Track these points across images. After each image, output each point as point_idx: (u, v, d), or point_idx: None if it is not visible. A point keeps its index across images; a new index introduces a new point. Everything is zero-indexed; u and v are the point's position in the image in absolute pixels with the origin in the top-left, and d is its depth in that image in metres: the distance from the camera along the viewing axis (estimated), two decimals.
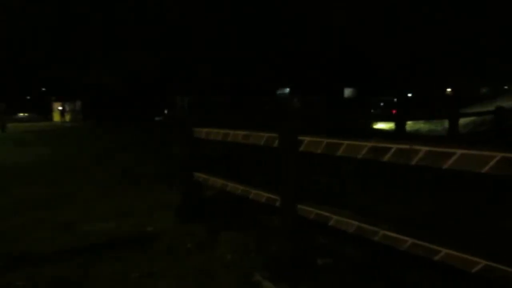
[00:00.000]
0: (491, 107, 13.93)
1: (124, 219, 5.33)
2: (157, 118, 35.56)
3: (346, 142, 2.94)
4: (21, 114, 49.07)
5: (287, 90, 38.51)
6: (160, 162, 9.64)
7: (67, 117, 43.89)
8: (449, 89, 50.83)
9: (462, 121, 16.61)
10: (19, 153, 13.34)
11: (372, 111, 36.76)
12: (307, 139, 3.27)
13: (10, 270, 3.85)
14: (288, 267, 3.40)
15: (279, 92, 38.56)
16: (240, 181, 4.33)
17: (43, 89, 59.97)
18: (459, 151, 2.28)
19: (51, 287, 3.52)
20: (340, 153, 2.98)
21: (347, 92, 40.99)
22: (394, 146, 2.60)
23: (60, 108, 45.49)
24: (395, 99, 40.04)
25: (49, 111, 47.29)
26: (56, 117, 45.34)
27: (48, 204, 6.27)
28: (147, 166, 9.41)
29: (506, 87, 43.88)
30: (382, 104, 38.35)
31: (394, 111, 42.81)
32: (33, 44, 40.84)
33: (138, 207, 5.89)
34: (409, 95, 49.54)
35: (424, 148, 2.43)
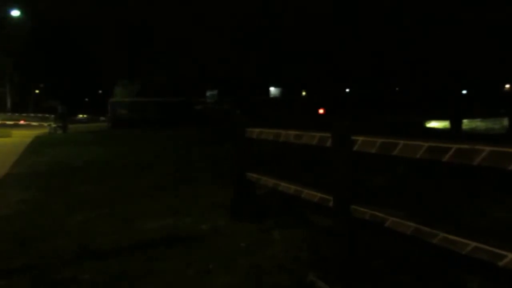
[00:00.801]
0: None
1: (179, 217, 5.47)
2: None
3: (402, 141, 2.87)
4: (81, 116, 51.51)
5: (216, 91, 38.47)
6: (212, 161, 9.81)
7: None
8: (507, 85, 48.39)
9: None
10: (79, 153, 13.98)
11: None
12: (361, 138, 3.22)
13: (75, 263, 4.05)
14: (343, 268, 3.36)
15: (208, 93, 38.46)
16: (289, 180, 4.33)
17: (100, 91, 62.57)
18: None
19: (116, 281, 3.67)
20: (396, 153, 2.91)
21: (274, 91, 40.45)
22: (454, 146, 2.51)
23: None
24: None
25: (107, 112, 49.24)
26: None
27: (108, 201, 6.55)
28: (199, 165, 9.61)
29: None
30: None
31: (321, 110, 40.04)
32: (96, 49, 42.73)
33: (192, 206, 6.02)
34: (464, 92, 47.59)
35: (488, 148, 2.33)
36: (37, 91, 64.78)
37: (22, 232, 5.10)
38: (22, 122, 33.45)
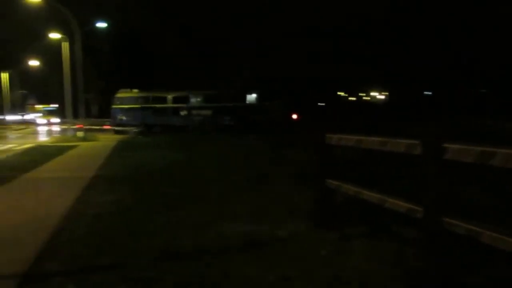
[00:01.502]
0: None
1: (257, 222, 5.48)
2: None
3: (503, 151, 2.65)
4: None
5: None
6: (290, 166, 9.77)
7: None
8: None
9: None
10: (160, 156, 14.57)
11: None
12: (454, 146, 3.02)
13: (159, 264, 4.19)
14: (433, 284, 3.16)
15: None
16: (369, 188, 4.18)
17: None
18: None
19: (197, 283, 3.73)
20: (496, 163, 2.69)
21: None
22: None
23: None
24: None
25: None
26: None
27: (188, 204, 6.73)
28: (277, 169, 9.62)
29: None
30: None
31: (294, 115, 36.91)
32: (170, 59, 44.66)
33: (271, 210, 6.02)
34: None
35: None
36: None
37: (111, 231, 5.37)
38: (106, 127, 35.56)
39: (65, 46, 27.43)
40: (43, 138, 28.21)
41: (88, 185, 8.99)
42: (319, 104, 53.35)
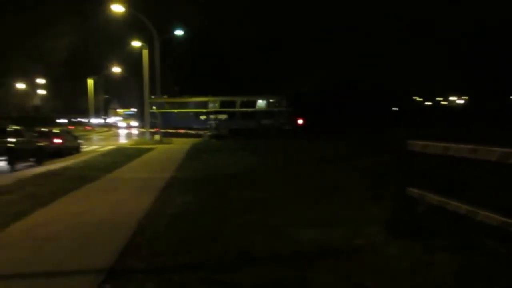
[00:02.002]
0: None
1: (331, 229, 5.37)
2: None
3: None
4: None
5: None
6: (365, 172, 9.51)
7: None
8: None
9: None
10: (233, 160, 14.84)
11: None
12: None
13: (235, 267, 4.22)
14: None
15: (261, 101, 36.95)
16: (454, 198, 3.94)
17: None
18: None
19: None
20: None
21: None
22: None
23: None
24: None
25: None
26: None
27: (262, 208, 6.75)
28: (350, 175, 9.40)
29: None
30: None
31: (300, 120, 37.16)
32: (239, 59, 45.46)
33: (345, 217, 5.87)
34: None
35: None
36: None
37: (187, 232, 5.51)
38: (181, 130, 36.86)
39: (145, 53, 28.85)
40: (123, 141, 29.80)
41: (166, 186, 9.34)
42: (392, 109, 51.60)
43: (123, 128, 51.17)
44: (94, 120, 62.86)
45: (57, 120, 67.86)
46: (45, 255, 4.70)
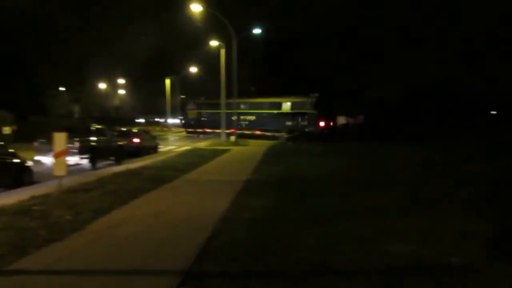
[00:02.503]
0: None
1: (423, 244, 5.06)
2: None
3: None
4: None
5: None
6: (460, 183, 8.95)
7: None
8: None
9: None
10: (311, 164, 14.68)
11: None
12: None
13: (315, 279, 4.09)
14: None
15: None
16: None
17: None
18: None
19: None
20: None
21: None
22: None
23: (344, 122, 48.57)
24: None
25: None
26: None
27: (344, 217, 6.54)
28: (443, 186, 8.89)
29: None
30: None
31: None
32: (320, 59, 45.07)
33: (440, 232, 5.52)
34: None
35: None
36: None
37: (264, 238, 5.47)
38: (257, 132, 37.25)
39: (222, 53, 29.51)
40: (199, 142, 30.66)
41: (242, 189, 9.40)
42: (491, 112, 48.37)
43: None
44: (170, 120, 65.37)
45: (136, 120, 71.57)
46: (123, 254, 4.89)
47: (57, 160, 8.86)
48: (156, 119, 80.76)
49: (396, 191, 8.77)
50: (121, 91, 60.33)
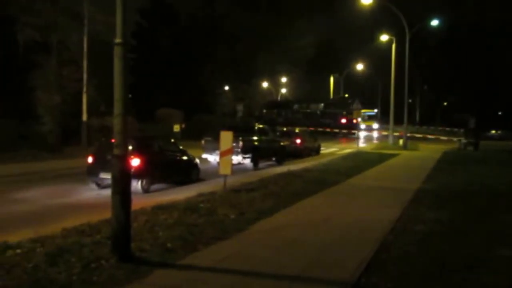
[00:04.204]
0: None
1: None
2: None
3: None
4: (493, 132, 49.87)
5: None
6: None
7: None
8: None
9: None
10: (496, 175, 13.41)
11: None
12: None
13: None
14: None
15: None
16: None
17: None
18: None
19: None
20: None
21: None
22: None
23: None
24: None
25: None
26: None
27: None
28: None
29: None
30: None
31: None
32: None
33: None
34: None
35: None
36: (445, 103, 66.93)
37: (440, 255, 5.17)
38: (430, 136, 35.35)
39: (393, 48, 28.59)
40: (363, 144, 30.23)
41: (413, 199, 9.01)
42: None
43: (363, 131, 51.78)
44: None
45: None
46: (286, 258, 5.04)
47: (223, 158, 9.55)
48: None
49: None
50: (283, 90, 62.30)
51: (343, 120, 48.39)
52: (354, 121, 41.11)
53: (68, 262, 4.50)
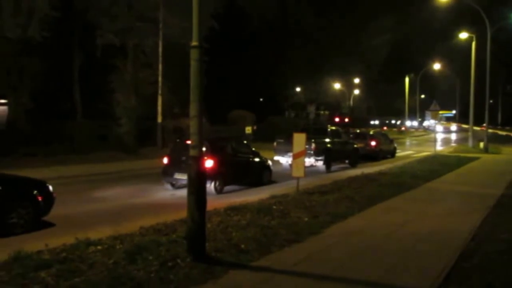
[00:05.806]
0: None
1: None
2: None
3: None
4: None
5: None
6: None
7: None
8: None
9: None
10: None
11: None
12: None
13: None
14: None
15: None
16: None
17: None
18: None
19: None
20: None
21: None
22: None
23: None
24: None
25: None
26: None
27: None
28: None
29: None
30: None
31: None
32: None
33: None
34: None
35: None
36: None
37: None
38: None
39: (473, 47, 27.24)
40: (440, 147, 29.01)
41: (496, 205, 8.56)
42: None
43: (441, 133, 49.75)
44: (407, 123, 63.51)
45: (370, 122, 71.65)
46: (362, 264, 4.95)
47: (296, 161, 9.50)
48: (392, 121, 79.54)
49: None
50: (356, 91, 61.14)
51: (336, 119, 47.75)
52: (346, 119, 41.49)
53: (146, 260, 4.65)
